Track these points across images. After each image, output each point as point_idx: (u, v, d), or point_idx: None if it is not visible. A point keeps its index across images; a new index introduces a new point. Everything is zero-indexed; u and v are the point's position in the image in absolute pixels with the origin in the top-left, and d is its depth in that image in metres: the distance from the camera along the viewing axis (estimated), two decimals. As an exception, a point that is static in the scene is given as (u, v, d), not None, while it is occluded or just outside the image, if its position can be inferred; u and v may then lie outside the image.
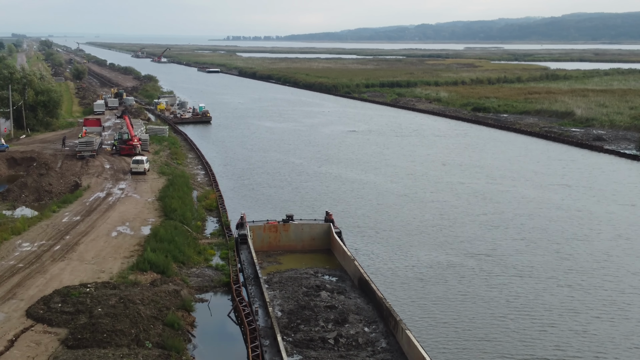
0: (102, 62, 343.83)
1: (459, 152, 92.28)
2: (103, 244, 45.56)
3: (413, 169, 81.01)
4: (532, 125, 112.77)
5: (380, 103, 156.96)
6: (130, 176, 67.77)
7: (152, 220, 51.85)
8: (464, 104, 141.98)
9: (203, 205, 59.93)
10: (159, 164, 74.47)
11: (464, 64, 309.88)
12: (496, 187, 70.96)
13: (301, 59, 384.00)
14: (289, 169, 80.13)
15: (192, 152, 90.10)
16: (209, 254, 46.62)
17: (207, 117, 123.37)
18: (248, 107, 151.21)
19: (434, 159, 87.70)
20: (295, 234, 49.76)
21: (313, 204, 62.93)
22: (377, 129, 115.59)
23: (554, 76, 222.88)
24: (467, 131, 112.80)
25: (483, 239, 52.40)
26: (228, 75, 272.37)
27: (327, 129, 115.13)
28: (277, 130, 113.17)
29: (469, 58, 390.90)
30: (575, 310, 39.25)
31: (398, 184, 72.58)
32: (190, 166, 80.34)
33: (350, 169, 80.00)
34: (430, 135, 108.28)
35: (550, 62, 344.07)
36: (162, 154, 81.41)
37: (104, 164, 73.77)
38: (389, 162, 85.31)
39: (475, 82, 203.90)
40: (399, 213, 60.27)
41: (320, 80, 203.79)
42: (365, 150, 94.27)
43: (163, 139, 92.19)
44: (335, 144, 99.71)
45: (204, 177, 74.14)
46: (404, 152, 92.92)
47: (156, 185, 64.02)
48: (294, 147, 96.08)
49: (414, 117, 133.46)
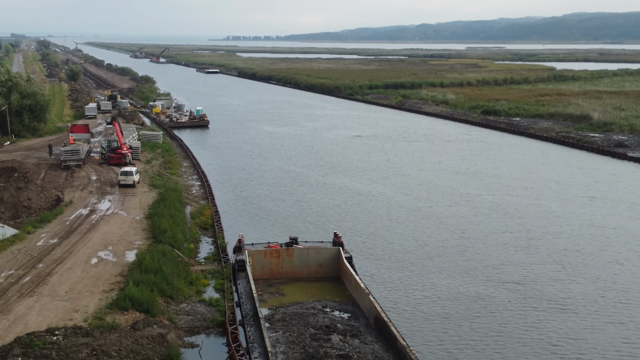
0: (99, 63, 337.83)
1: (472, 160, 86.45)
2: (80, 274, 39.71)
3: (424, 178, 75.18)
4: (547, 129, 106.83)
5: (385, 105, 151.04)
6: (118, 189, 61.89)
7: (139, 243, 46.00)
8: (473, 107, 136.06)
9: (197, 223, 54.11)
10: (150, 175, 68.59)
11: (467, 64, 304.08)
12: (517, 199, 65.10)
13: (302, 59, 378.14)
14: (290, 178, 74.33)
15: (188, 160, 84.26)
16: (202, 285, 40.77)
17: (205, 121, 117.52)
18: (247, 109, 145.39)
19: (446, 167, 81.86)
20: (300, 259, 43.93)
21: (317, 220, 57.13)
22: (382, 133, 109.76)
23: (562, 77, 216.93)
24: (478, 136, 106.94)
25: (511, 263, 46.57)
26: (227, 76, 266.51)
27: (330, 134, 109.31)
28: (277, 135, 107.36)
29: (472, 58, 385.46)
30: (633, 355, 33.44)
31: (409, 196, 66.75)
32: (185, 176, 74.50)
33: (357, 179, 74.18)
34: (440, 141, 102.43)
35: (554, 63, 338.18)
36: (154, 163, 75.53)
37: (90, 175, 67.84)
38: (398, 170, 79.48)
39: (482, 83, 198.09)
40: (414, 231, 54.45)
41: (321, 81, 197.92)
42: (371, 157, 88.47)
43: (157, 146, 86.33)
44: (339, 150, 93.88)
45: (199, 188, 68.32)
46: (413, 159, 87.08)
47: (146, 200, 58.14)
48: (296, 154, 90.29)
49: (421, 120, 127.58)
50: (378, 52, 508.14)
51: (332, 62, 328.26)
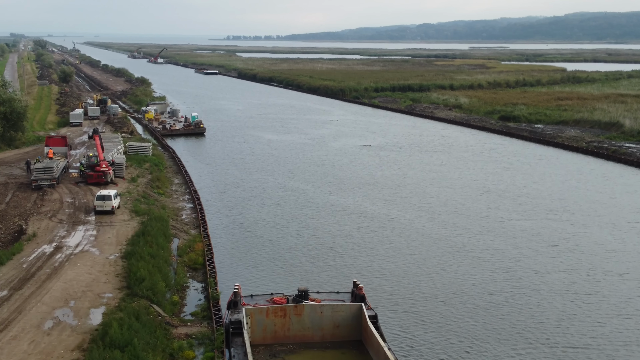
0: (95, 63, 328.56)
1: (498, 174, 77.27)
2: (27, 346, 30.53)
3: (447, 198, 65.96)
4: (576, 138, 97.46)
5: (394, 110, 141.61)
6: (93, 217, 52.67)
7: (109, 296, 36.78)
8: (489, 112, 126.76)
9: (185, 262, 44.92)
10: (134, 197, 59.31)
11: (475, 64, 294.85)
12: (561, 226, 55.85)
13: (303, 59, 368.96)
14: (293, 198, 65.10)
15: (179, 176, 75.04)
16: (186, 359, 31.59)
17: (201, 128, 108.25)
18: (247, 114, 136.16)
19: (469, 183, 72.65)
20: (311, 319, 34.71)
21: (326, 254, 47.93)
22: (394, 142, 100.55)
23: (576, 79, 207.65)
24: (500, 145, 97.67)
25: (576, 321, 37.33)
26: (227, 77, 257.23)
27: (337, 143, 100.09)
28: (279, 145, 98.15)
29: (478, 58, 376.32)
30: None
31: (433, 221, 57.53)
32: (175, 196, 65.28)
33: (370, 199, 64.95)
34: (458, 151, 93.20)
35: (562, 63, 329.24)
36: (140, 181, 66.24)
37: (64, 197, 58.54)
38: (416, 188, 70.30)
39: (493, 85, 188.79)
40: (445, 271, 45.24)
41: (325, 83, 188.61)
42: (384, 171, 79.30)
43: (145, 159, 77.09)
44: (348, 162, 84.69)
45: (191, 212, 59.10)
46: (432, 174, 77.87)
47: (125, 231, 48.90)
48: (299, 167, 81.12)
49: (435, 127, 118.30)
50: (380, 52, 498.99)
51: (334, 63, 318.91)
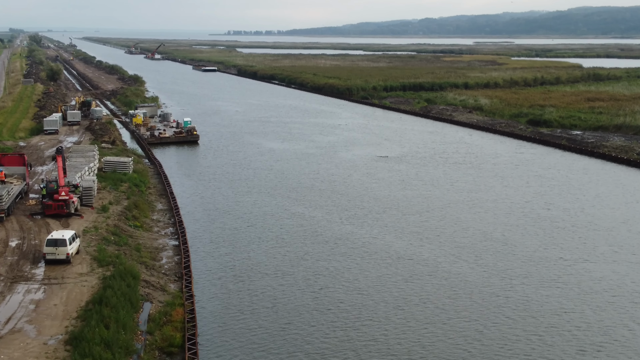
0: (89, 59, 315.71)
1: (544, 194, 64.85)
2: None
3: (488, 229, 53.58)
4: (624, 148, 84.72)
5: (408, 112, 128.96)
6: (43, 267, 40.34)
7: None
8: (515, 115, 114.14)
9: (157, 343, 32.61)
10: (102, 234, 46.92)
11: (485, 60, 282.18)
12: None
13: (305, 55, 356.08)
14: (299, 229, 52.74)
15: (164, 199, 62.58)
16: None
17: (194, 135, 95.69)
18: (247, 117, 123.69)
19: (512, 207, 60.21)
20: None
21: (350, 332, 35.65)
22: (413, 151, 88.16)
23: (596, 76, 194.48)
24: (535, 156, 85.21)
25: None
26: (226, 75, 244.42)
27: (348, 153, 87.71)
28: (281, 155, 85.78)
29: (486, 54, 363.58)
30: None
31: (480, 266, 45.15)
32: (155, 229, 52.87)
33: (394, 231, 52.59)
34: (488, 163, 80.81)
35: (574, 59, 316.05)
36: (113, 210, 53.78)
37: (10, 237, 46.07)
38: (447, 214, 57.93)
39: (510, 83, 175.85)
40: (514, 349, 32.95)
41: (330, 81, 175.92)
42: (406, 190, 66.94)
43: (124, 178, 64.71)
44: (362, 178, 72.33)
45: (173, 254, 46.73)
46: (463, 194, 65.39)
47: (78, 294, 36.55)
48: (305, 185, 68.76)
49: (456, 132, 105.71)
50: (384, 48, 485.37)
51: (338, 59, 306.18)
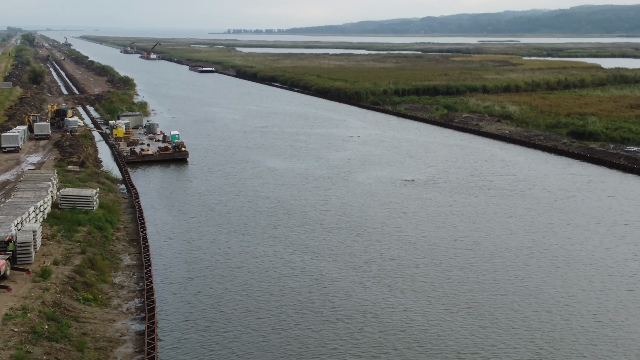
0: (81, 59, 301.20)
1: (627, 235, 50.45)
2: None
3: (571, 299, 39.26)
4: (700, 171, 70.53)
5: (426, 121, 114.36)
6: None
7: None
8: (552, 125, 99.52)
9: None
10: (31, 322, 32.41)
11: (497, 61, 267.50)
12: None
13: (307, 54, 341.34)
14: (306, 293, 38.32)
15: (135, 248, 48.15)
16: None
17: (182, 152, 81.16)
18: (245, 126, 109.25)
19: (589, 257, 45.84)
20: None
21: None
22: (442, 172, 73.80)
23: (623, 78, 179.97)
24: (590, 178, 70.79)
25: None
26: (224, 76, 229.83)
27: (365, 175, 73.34)
28: (285, 177, 71.40)
29: (495, 53, 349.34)
30: None
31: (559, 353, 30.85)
32: (114, 302, 38.34)
33: (434, 299, 38.23)
34: (538, 189, 66.38)
35: (588, 59, 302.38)
36: (57, 275, 39.23)
37: None
38: (496, 267, 43.58)
39: (532, 86, 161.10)
40: None
41: (336, 84, 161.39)
42: (439, 230, 52.63)
43: (84, 219, 50.18)
44: (385, 212, 57.90)
45: (134, 352, 32.32)
46: (517, 238, 50.97)
47: None
48: (314, 220, 54.37)
49: (486, 146, 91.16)
50: (388, 47, 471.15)
51: (342, 59, 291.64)
